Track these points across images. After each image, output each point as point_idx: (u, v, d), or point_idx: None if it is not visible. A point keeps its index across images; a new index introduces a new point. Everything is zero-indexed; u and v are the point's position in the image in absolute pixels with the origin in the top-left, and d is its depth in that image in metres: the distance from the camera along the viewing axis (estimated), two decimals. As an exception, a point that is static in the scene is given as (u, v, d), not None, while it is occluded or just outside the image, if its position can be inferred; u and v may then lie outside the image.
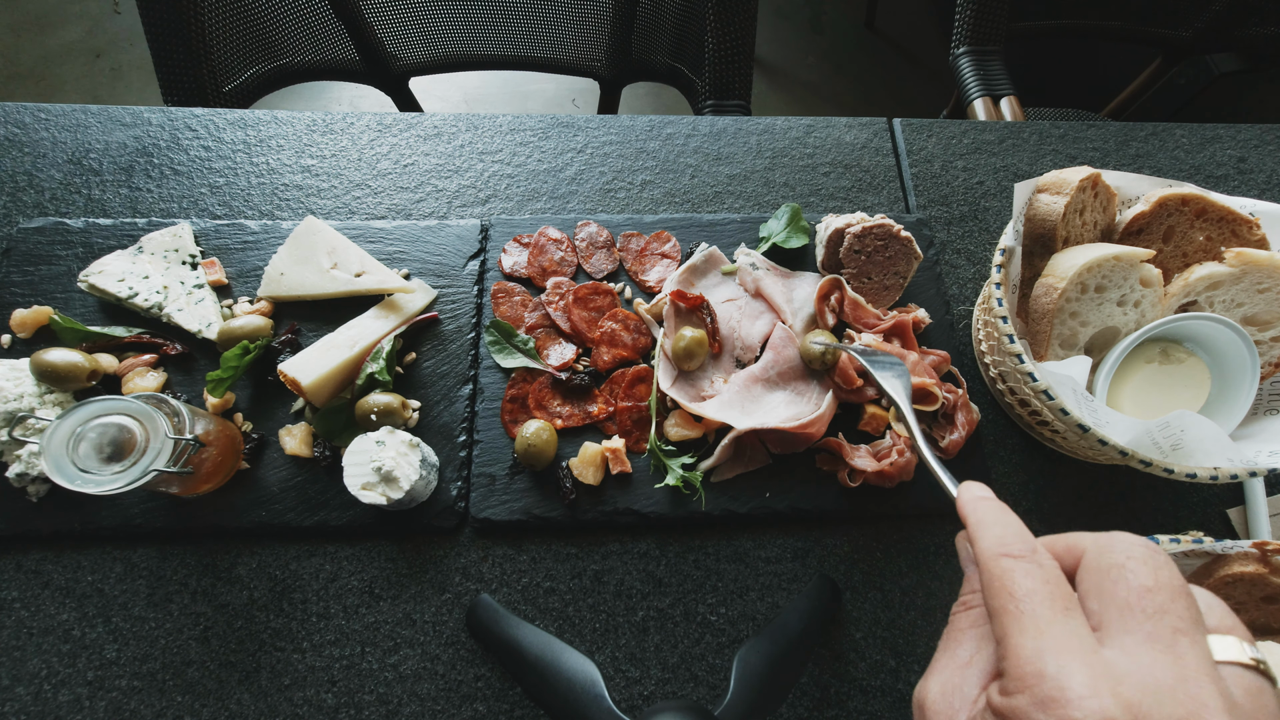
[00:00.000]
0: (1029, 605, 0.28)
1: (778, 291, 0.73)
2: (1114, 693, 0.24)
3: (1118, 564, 0.28)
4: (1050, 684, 0.25)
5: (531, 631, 0.56)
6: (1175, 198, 0.66)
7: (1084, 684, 0.25)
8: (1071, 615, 0.27)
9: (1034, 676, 0.26)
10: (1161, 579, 0.27)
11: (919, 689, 0.32)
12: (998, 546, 0.30)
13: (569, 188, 0.83)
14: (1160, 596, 0.27)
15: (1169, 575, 0.28)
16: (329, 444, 0.65)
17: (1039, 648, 0.26)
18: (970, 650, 0.31)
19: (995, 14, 1.21)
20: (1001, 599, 0.29)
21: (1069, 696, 0.24)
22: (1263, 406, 0.64)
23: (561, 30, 1.19)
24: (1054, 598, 0.28)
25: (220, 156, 0.82)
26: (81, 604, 0.60)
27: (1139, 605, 0.27)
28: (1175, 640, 0.26)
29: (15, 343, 0.68)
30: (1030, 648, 0.26)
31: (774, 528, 0.66)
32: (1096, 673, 0.25)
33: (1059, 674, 0.25)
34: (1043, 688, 0.25)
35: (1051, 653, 0.26)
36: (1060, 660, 0.26)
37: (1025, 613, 0.28)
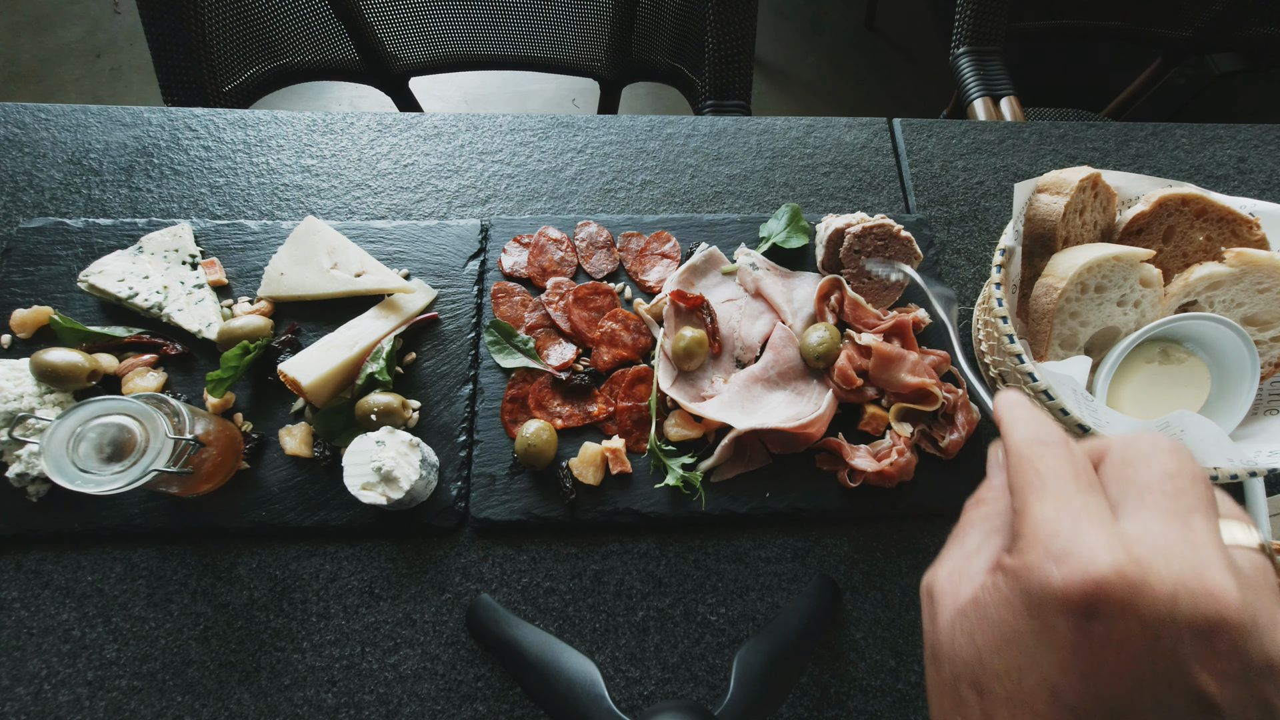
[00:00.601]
0: (1053, 480, 0.28)
1: (778, 291, 0.73)
2: (1125, 548, 0.25)
3: (1143, 454, 0.29)
4: (1064, 540, 0.26)
5: (531, 631, 0.56)
6: (1175, 198, 0.66)
7: (1098, 540, 0.25)
8: (1094, 493, 0.28)
9: (1049, 535, 0.26)
10: (1184, 466, 0.28)
11: (927, 576, 0.32)
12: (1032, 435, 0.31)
13: (569, 188, 0.83)
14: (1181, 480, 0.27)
15: (1191, 465, 0.28)
16: (329, 444, 0.65)
17: (1057, 513, 0.27)
18: (978, 540, 0.32)
19: (995, 14, 1.21)
20: (1028, 475, 0.29)
21: (1082, 549, 0.25)
22: (1263, 406, 0.64)
23: (561, 30, 1.19)
24: (1077, 476, 0.29)
25: (220, 156, 0.82)
26: (81, 604, 0.60)
27: (1159, 487, 0.27)
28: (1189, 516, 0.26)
29: (15, 343, 0.68)
30: (1048, 512, 0.27)
31: (774, 528, 0.66)
32: (1111, 534, 0.26)
33: (1074, 532, 0.26)
34: (1057, 543, 0.26)
35: (1068, 517, 0.27)
36: (1076, 523, 0.26)
37: (1049, 485, 0.28)
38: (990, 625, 0.27)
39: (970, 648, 0.28)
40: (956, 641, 0.29)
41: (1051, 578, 0.25)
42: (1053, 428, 0.31)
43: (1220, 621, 0.23)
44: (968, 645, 0.28)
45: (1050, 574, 0.25)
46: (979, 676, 0.28)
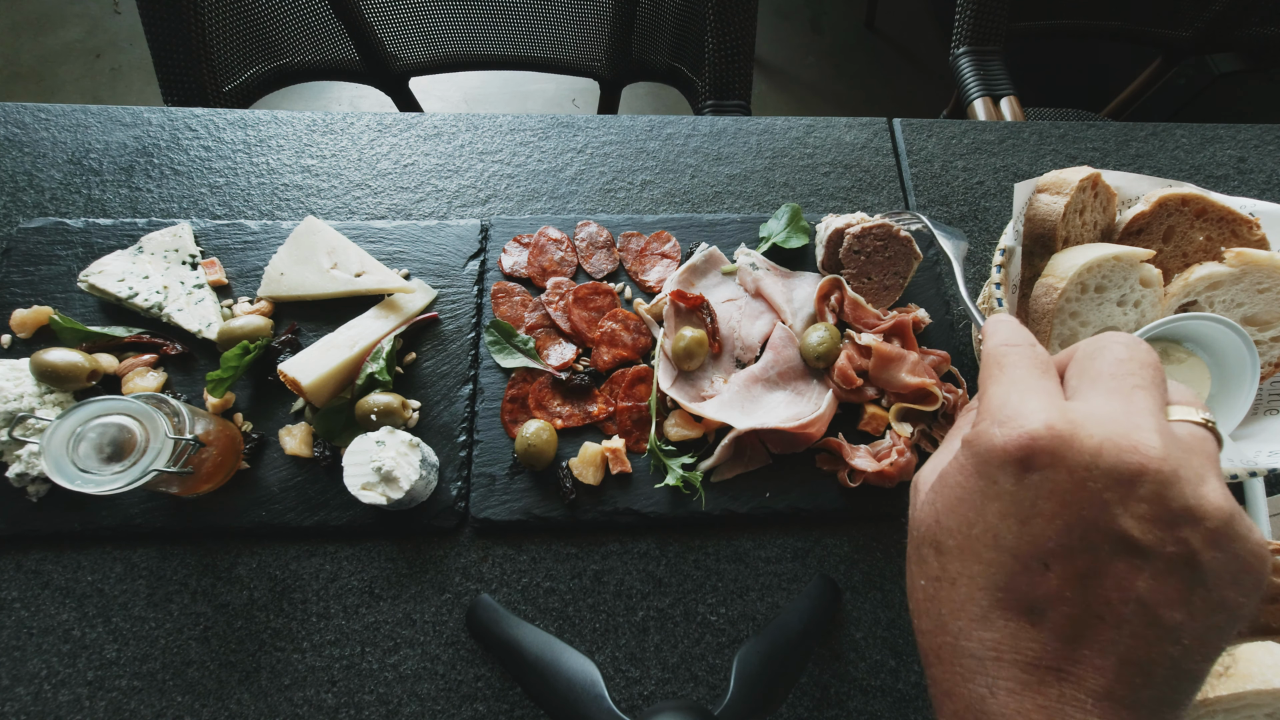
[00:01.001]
0: (1011, 369, 0.32)
1: (778, 291, 0.73)
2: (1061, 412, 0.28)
3: (1100, 346, 0.32)
4: (1010, 409, 0.29)
5: (531, 631, 0.56)
6: (1175, 198, 0.66)
7: (1037, 405, 0.28)
8: (1046, 377, 0.31)
9: (998, 407, 0.30)
10: (1136, 354, 0.31)
11: (916, 475, 0.36)
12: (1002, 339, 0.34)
13: (569, 188, 0.83)
14: (1130, 365, 0.30)
15: (1144, 353, 0.31)
16: (329, 444, 0.65)
17: (1008, 391, 0.30)
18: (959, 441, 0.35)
19: (995, 14, 1.21)
20: (991, 370, 0.32)
21: (1022, 413, 0.28)
22: (1263, 406, 0.64)
23: (561, 30, 1.19)
24: (1034, 365, 0.32)
25: (220, 156, 0.82)
26: (81, 604, 0.60)
27: (1109, 371, 0.30)
28: (1132, 393, 0.29)
29: (15, 343, 0.68)
30: (1001, 392, 0.30)
31: (774, 528, 0.66)
32: (1053, 402, 0.29)
33: (1020, 403, 0.29)
34: (1004, 412, 0.29)
35: (1018, 393, 0.30)
36: (1024, 397, 0.29)
37: (1005, 373, 0.31)
38: (947, 489, 0.31)
39: (931, 512, 0.31)
40: (923, 512, 0.32)
41: (994, 438, 0.28)
42: (1025, 335, 0.34)
43: (1141, 470, 0.26)
44: (929, 511, 0.32)
45: (993, 435, 0.29)
46: (937, 535, 0.31)
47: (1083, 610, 0.26)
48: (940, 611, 0.30)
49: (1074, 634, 0.26)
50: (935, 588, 0.30)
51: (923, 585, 0.31)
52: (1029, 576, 0.27)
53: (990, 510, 0.28)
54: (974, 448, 0.29)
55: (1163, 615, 0.26)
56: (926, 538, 0.31)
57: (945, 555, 0.30)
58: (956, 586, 0.29)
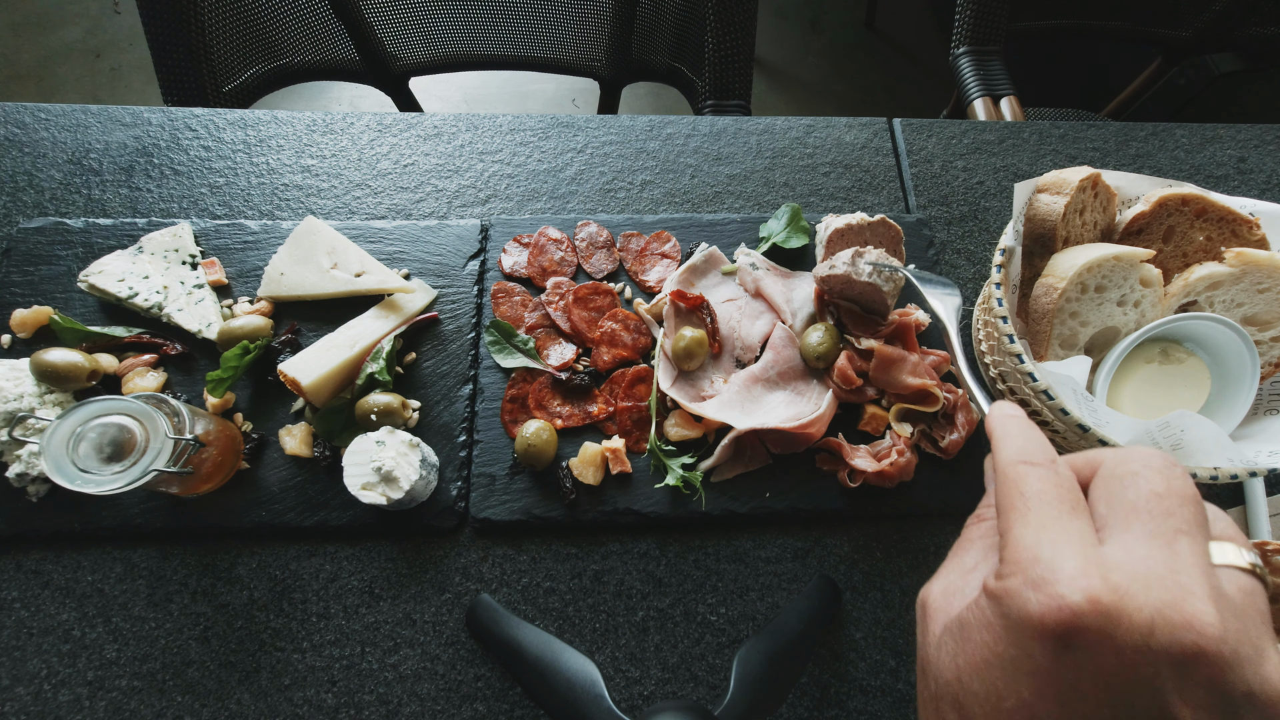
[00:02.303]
0: (1036, 503, 0.28)
1: (778, 291, 0.73)
2: (1103, 576, 0.25)
3: (1132, 471, 0.28)
4: (1043, 567, 0.26)
5: (531, 631, 0.56)
6: (1175, 198, 0.66)
7: (1075, 568, 0.25)
8: (1077, 515, 0.28)
9: (1029, 561, 0.26)
10: (1173, 486, 0.28)
11: (924, 590, 0.32)
12: (1017, 455, 0.31)
13: (569, 188, 0.83)
14: (1169, 501, 0.27)
15: (1181, 484, 0.28)
16: (329, 444, 0.65)
17: (1038, 538, 0.27)
18: (976, 558, 0.32)
19: (995, 14, 1.21)
20: (1011, 497, 0.29)
21: (1059, 576, 0.25)
22: (1263, 406, 0.64)
23: (561, 30, 1.19)
24: (1062, 499, 0.28)
25: (220, 156, 0.82)
26: (81, 604, 0.60)
27: (1145, 508, 0.27)
28: (1175, 539, 0.26)
29: (15, 343, 0.68)
30: (1030, 537, 0.27)
31: (774, 528, 0.66)
32: (1090, 560, 0.25)
33: (1053, 559, 0.26)
34: (1036, 570, 0.26)
35: (1049, 543, 0.27)
36: (1056, 549, 0.26)
37: (1032, 509, 0.28)
38: (972, 647, 0.27)
39: (952, 667, 0.28)
40: (942, 659, 0.29)
41: (1029, 605, 0.25)
42: (1040, 445, 0.31)
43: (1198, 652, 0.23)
44: (950, 664, 0.28)
45: (1028, 601, 0.25)
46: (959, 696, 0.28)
47: None
48: None
49: None
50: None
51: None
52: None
53: (1024, 685, 0.25)
54: (1003, 608, 0.26)
55: None
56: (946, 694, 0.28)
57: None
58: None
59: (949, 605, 0.30)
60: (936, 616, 0.30)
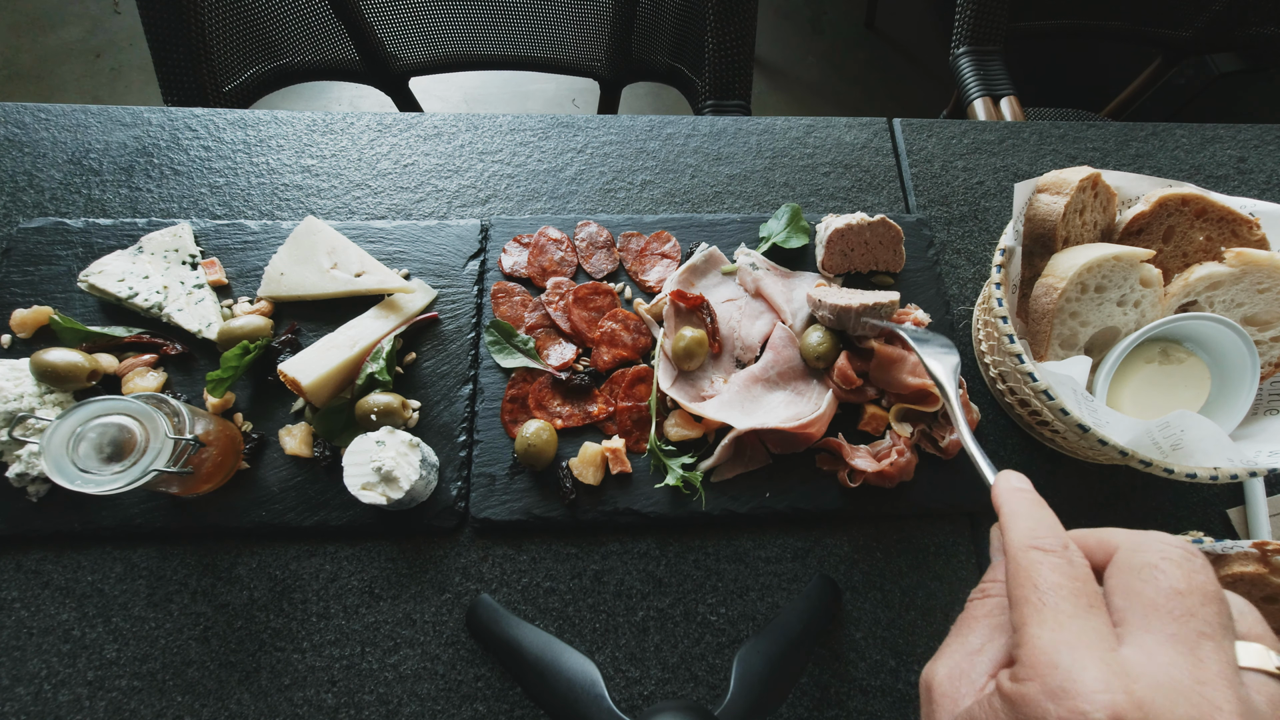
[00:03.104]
0: (1052, 598, 0.27)
1: (778, 291, 0.73)
2: (1126, 689, 0.24)
3: (1150, 564, 0.28)
4: (1063, 675, 0.25)
5: (531, 631, 0.56)
6: (1175, 198, 0.66)
7: (1096, 678, 0.24)
8: (1094, 613, 0.27)
9: (1047, 667, 0.25)
10: (1195, 582, 0.27)
11: (927, 670, 0.32)
12: (1028, 538, 0.30)
13: (569, 188, 0.83)
14: (1191, 600, 0.26)
15: (1203, 579, 0.27)
16: (329, 444, 0.65)
17: (1056, 640, 0.26)
18: (982, 639, 0.31)
19: (995, 14, 1.21)
20: (1025, 589, 0.28)
21: (1080, 689, 0.24)
22: (1263, 406, 0.64)
23: (561, 30, 1.19)
24: (1078, 594, 0.27)
25: (220, 156, 0.82)
26: (81, 604, 0.60)
27: (1166, 607, 0.26)
28: (1199, 643, 0.25)
29: (15, 343, 0.68)
30: (1047, 639, 0.26)
31: (774, 528, 0.66)
32: (1111, 669, 0.25)
33: (1073, 667, 0.25)
34: (1055, 678, 0.25)
35: (1068, 646, 0.26)
36: (1076, 654, 0.25)
37: (1047, 605, 0.27)
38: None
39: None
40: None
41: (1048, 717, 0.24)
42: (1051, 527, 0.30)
43: None
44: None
45: (1047, 712, 0.24)
46: None
47: None
48: None
49: None
50: None
51: None
52: None
53: None
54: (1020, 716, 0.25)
55: None
56: None
57: None
58: None
59: (955, 691, 0.29)
60: (943, 703, 0.30)
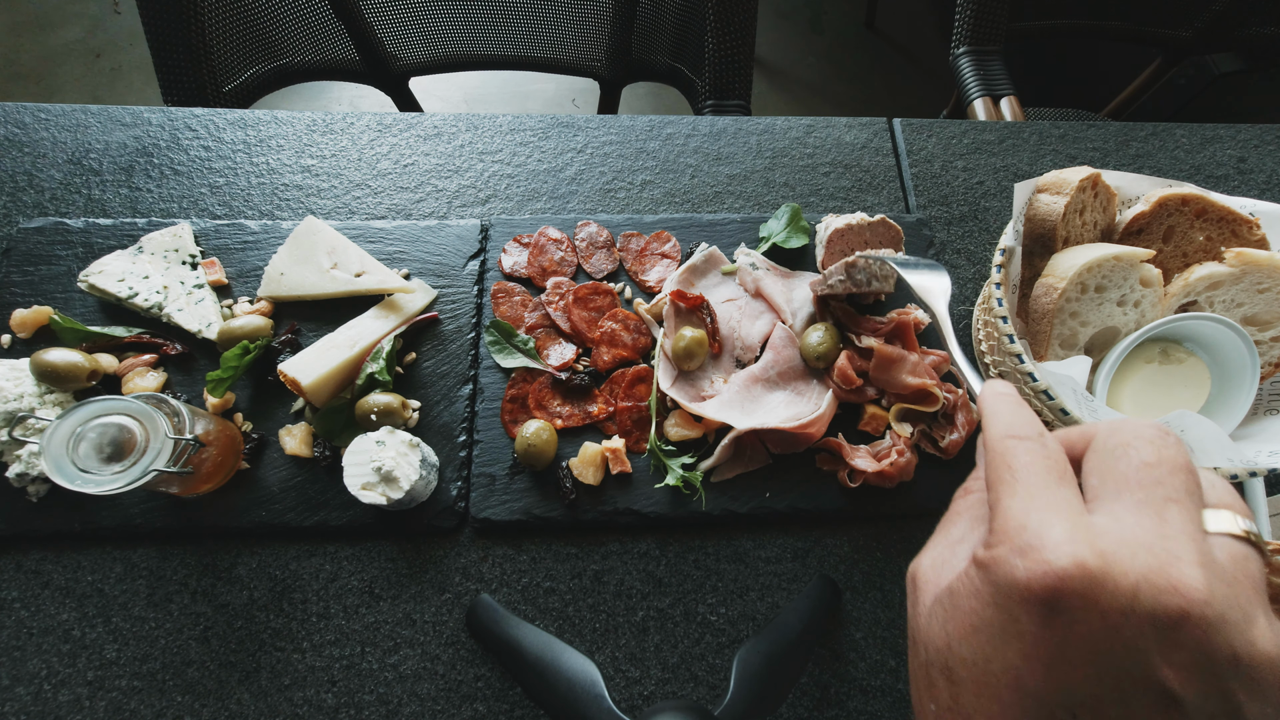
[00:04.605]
0: (1024, 475, 0.29)
1: (778, 291, 0.73)
2: (1089, 543, 0.25)
3: (1124, 443, 0.29)
4: (1030, 534, 0.26)
5: (531, 631, 0.56)
6: (1175, 198, 0.66)
7: (1062, 534, 0.25)
8: (1065, 485, 0.28)
9: (1016, 529, 0.27)
10: (1164, 455, 0.28)
11: (913, 563, 0.33)
12: (1005, 429, 0.31)
13: (569, 188, 0.83)
14: (1160, 470, 0.27)
15: (1173, 453, 0.28)
16: (329, 444, 0.65)
17: (1025, 507, 0.27)
18: (963, 530, 0.33)
19: (995, 14, 1.21)
20: (1000, 471, 0.29)
21: (1045, 543, 0.25)
22: (1263, 406, 0.64)
23: (561, 30, 1.19)
24: (1050, 470, 0.29)
25: (220, 156, 0.82)
26: (81, 604, 0.60)
27: (1136, 478, 0.27)
28: (1165, 507, 0.26)
29: (15, 343, 0.68)
30: (1017, 507, 0.27)
31: (774, 528, 0.66)
32: (1077, 527, 0.26)
33: (1040, 526, 0.26)
34: (1023, 537, 0.26)
35: (1036, 511, 0.27)
36: (1044, 516, 0.27)
37: (1019, 480, 0.28)
38: (960, 614, 0.28)
39: (942, 634, 0.29)
40: (932, 628, 0.29)
41: (1016, 571, 0.26)
42: (1029, 420, 0.31)
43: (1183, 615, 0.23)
44: (940, 632, 0.29)
45: (1015, 567, 0.26)
46: (949, 663, 0.28)
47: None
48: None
49: None
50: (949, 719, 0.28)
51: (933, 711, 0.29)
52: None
53: (1011, 649, 0.26)
54: (991, 575, 0.27)
55: None
56: (936, 661, 0.29)
57: (959, 687, 0.28)
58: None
59: (938, 577, 0.31)
60: (926, 588, 0.31)
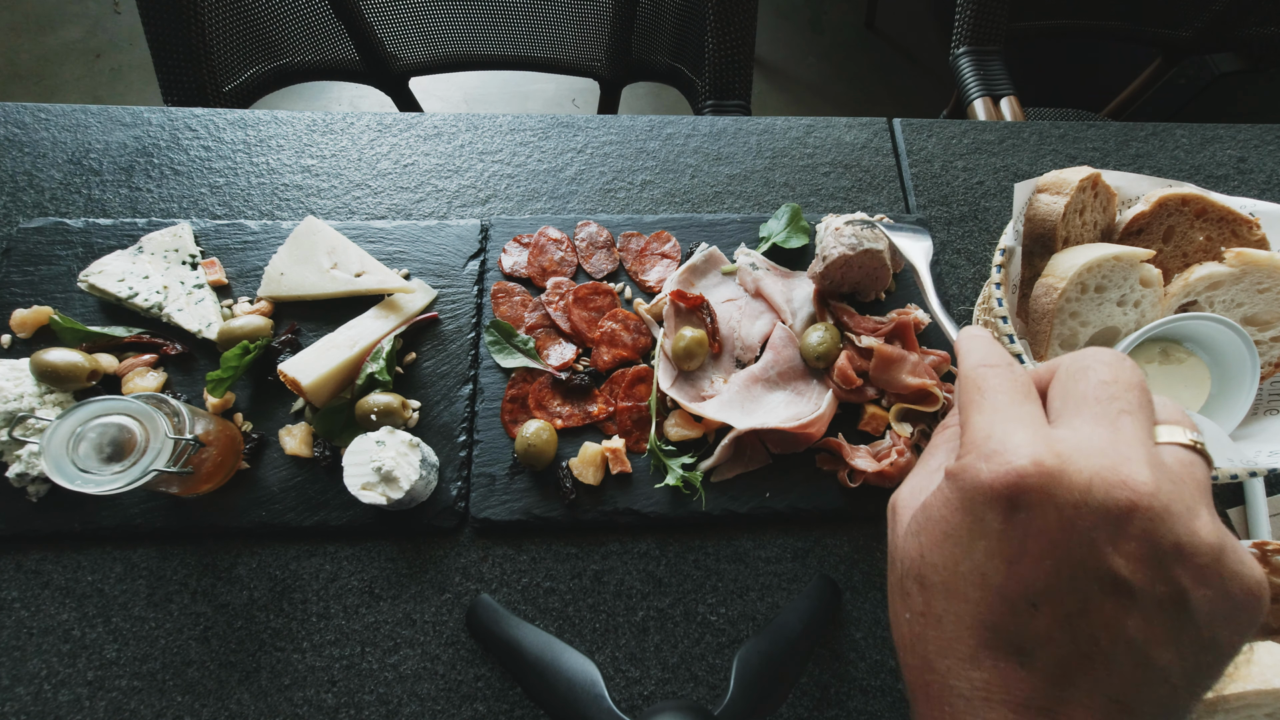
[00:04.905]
0: (991, 394, 0.31)
1: (778, 291, 0.73)
2: (1048, 446, 0.27)
3: (1083, 366, 0.31)
4: (995, 441, 0.28)
5: (531, 631, 0.56)
6: (1175, 198, 0.66)
7: (1023, 440, 0.28)
8: (1029, 402, 0.30)
9: (982, 439, 0.29)
10: (1121, 375, 0.30)
11: (894, 495, 0.35)
12: (981, 360, 0.33)
13: (569, 188, 0.83)
14: (1115, 388, 0.29)
15: (1129, 373, 0.30)
16: (329, 444, 0.65)
17: (991, 420, 0.29)
18: (940, 460, 0.35)
19: (995, 14, 1.21)
20: (970, 394, 0.32)
21: (1007, 448, 0.28)
22: (1263, 406, 0.64)
23: (561, 30, 1.19)
24: (1015, 390, 0.31)
25: (220, 156, 0.82)
26: (81, 604, 0.60)
27: (1094, 394, 0.29)
28: (1119, 418, 0.28)
29: (15, 343, 0.68)
30: (984, 421, 0.30)
31: (774, 528, 0.66)
32: (1038, 435, 0.28)
33: (1004, 435, 0.28)
34: (988, 445, 0.28)
35: (1001, 423, 0.29)
36: (1008, 426, 0.29)
37: (987, 399, 0.31)
38: (932, 524, 0.30)
39: (915, 546, 0.30)
40: (908, 543, 0.31)
41: (980, 474, 0.28)
42: (1000, 352, 0.33)
43: (1131, 507, 0.25)
44: (914, 544, 0.31)
45: (980, 470, 0.28)
46: (921, 570, 0.30)
47: (1071, 651, 0.26)
48: (927, 650, 0.29)
49: (1063, 675, 0.26)
50: (921, 624, 0.30)
51: (907, 620, 0.30)
52: (1017, 617, 0.27)
53: (977, 549, 0.28)
54: (959, 482, 0.29)
55: (1152, 655, 0.25)
56: (910, 571, 0.30)
57: (930, 591, 0.29)
58: (943, 625, 0.29)
59: (914, 500, 0.32)
60: (903, 513, 0.33)
